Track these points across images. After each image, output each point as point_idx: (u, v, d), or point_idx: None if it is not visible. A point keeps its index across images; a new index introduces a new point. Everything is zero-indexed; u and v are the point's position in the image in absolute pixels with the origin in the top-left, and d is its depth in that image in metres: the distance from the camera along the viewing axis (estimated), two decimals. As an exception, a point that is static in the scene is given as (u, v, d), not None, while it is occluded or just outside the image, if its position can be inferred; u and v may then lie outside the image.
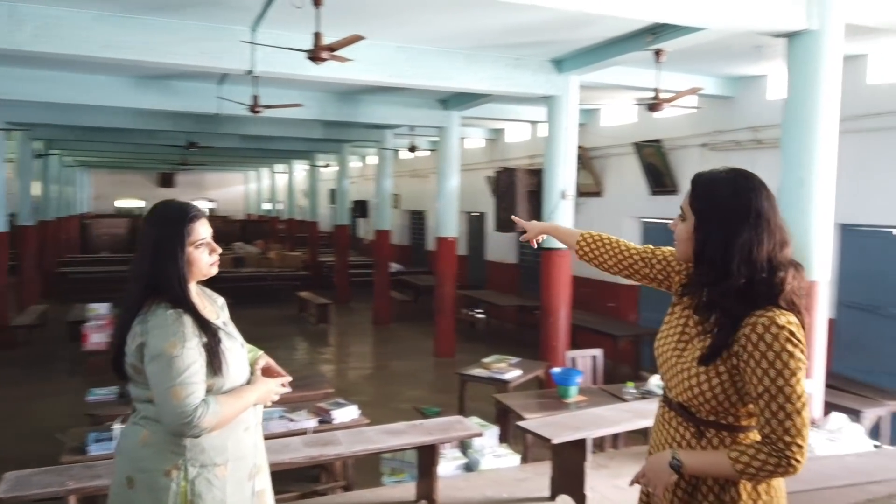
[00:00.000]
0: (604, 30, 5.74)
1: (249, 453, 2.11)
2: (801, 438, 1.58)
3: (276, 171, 22.81)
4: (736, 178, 1.71)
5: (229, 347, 2.08)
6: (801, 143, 4.47)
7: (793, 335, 1.58)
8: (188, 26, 5.37)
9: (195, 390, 1.92)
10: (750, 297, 1.63)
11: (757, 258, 1.62)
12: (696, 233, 1.70)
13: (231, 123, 10.68)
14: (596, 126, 10.16)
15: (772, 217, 1.66)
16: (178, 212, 2.07)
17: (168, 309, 1.97)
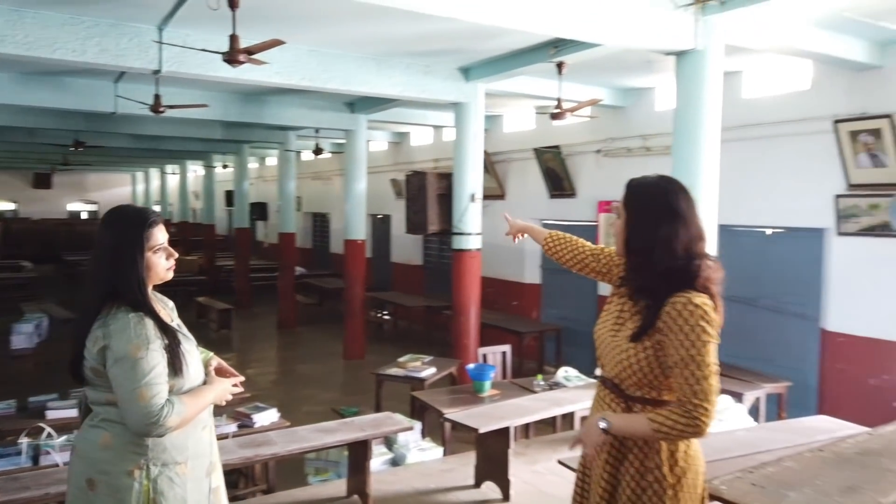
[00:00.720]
0: (510, 42, 6.03)
1: (207, 451, 2.17)
2: (709, 402, 1.83)
3: (167, 172, 21.82)
4: (659, 183, 2.03)
5: (187, 349, 2.13)
6: (689, 151, 4.93)
7: (706, 313, 1.85)
8: (88, 22, 5.15)
9: (160, 391, 1.97)
10: (671, 281, 1.90)
11: (675, 248, 1.90)
12: (626, 228, 2.01)
13: (124, 122, 10.20)
14: (499, 132, 10.54)
15: (688, 215, 1.95)
16: (138, 217, 2.10)
17: (129, 312, 2.00)
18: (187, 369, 2.09)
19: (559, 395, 4.77)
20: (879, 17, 4.90)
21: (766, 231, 7.05)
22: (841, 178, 6.09)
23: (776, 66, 6.69)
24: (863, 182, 5.93)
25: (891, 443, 2.56)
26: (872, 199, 5.89)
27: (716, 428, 4.76)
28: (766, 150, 6.79)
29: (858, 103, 5.90)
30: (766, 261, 7.04)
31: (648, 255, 1.93)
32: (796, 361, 6.77)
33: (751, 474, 2.21)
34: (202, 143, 13.84)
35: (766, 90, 6.84)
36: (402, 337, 11.24)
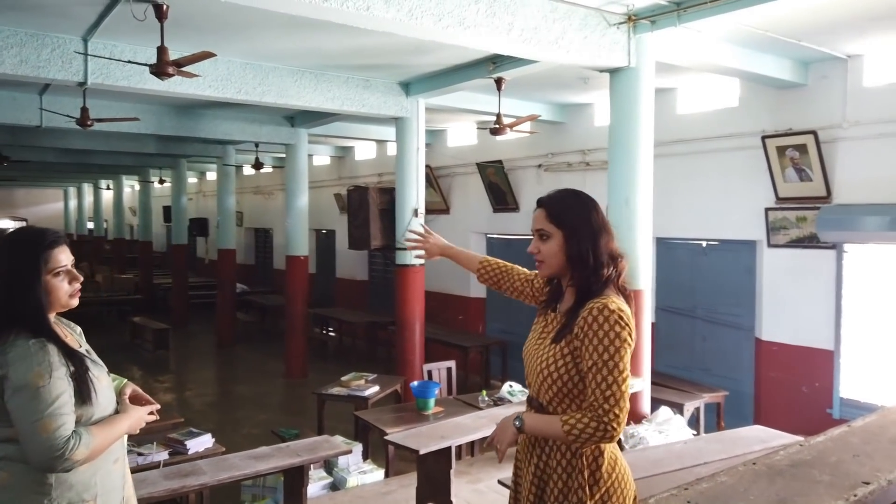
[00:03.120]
0: (448, 57, 6.03)
1: (118, 485, 2.04)
2: (619, 408, 1.83)
3: (101, 188, 21.04)
4: (579, 195, 2.07)
5: (97, 375, 2.00)
6: (624, 165, 5.00)
7: (621, 318, 1.85)
8: (6, 31, 4.90)
9: (65, 422, 1.83)
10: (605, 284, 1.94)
11: (613, 251, 1.99)
12: (567, 244, 1.98)
13: (52, 136, 9.77)
14: (442, 146, 10.54)
15: (607, 220, 2.05)
16: (34, 237, 1.96)
17: (30, 339, 1.86)
18: (96, 397, 1.95)
19: (503, 411, 4.74)
20: (801, 36, 5.10)
21: (701, 243, 7.23)
22: (770, 191, 6.29)
23: (708, 84, 6.89)
24: (791, 195, 6.14)
25: (821, 454, 2.60)
26: (800, 211, 6.10)
27: (655, 440, 4.82)
28: (700, 165, 6.97)
29: (784, 120, 6.12)
30: (702, 272, 7.22)
31: (596, 264, 1.94)
32: (733, 371, 6.93)
33: (686, 491, 2.20)
34: (136, 158, 13.39)
35: (699, 107, 7.04)
36: (346, 354, 11.06)
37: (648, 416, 5.20)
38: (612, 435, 1.84)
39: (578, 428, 1.84)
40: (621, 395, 1.84)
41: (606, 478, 1.94)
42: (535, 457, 2.02)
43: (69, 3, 4.49)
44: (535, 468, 2.01)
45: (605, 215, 2.05)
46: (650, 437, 4.81)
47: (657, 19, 4.65)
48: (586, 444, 1.88)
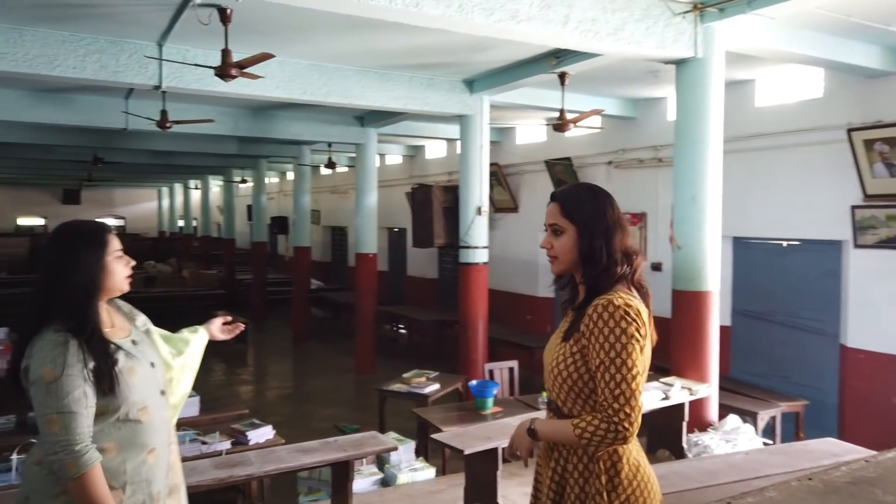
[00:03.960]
0: (510, 53, 5.95)
1: (152, 476, 2.05)
2: (629, 407, 1.75)
3: (190, 188, 22.11)
4: (594, 190, 2.00)
5: (129, 368, 2.02)
6: (691, 162, 4.78)
7: (627, 314, 1.79)
8: (87, 39, 5.20)
9: (71, 421, 1.86)
10: (616, 280, 1.88)
11: (629, 247, 1.92)
12: (580, 240, 1.92)
13: (140, 138, 10.34)
14: (511, 144, 10.44)
15: (623, 216, 1.96)
16: (94, 225, 2.09)
17: (54, 333, 1.92)
18: (122, 389, 1.97)
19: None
20: (891, 21, 4.72)
21: (781, 244, 6.83)
22: (857, 188, 5.86)
23: (789, 75, 6.50)
24: (879, 192, 5.70)
25: (889, 471, 2.38)
26: (890, 209, 5.66)
27: (721, 449, 4.58)
28: (781, 160, 6.58)
29: (873, 111, 5.69)
30: (782, 274, 6.82)
31: (609, 260, 1.89)
32: (814, 379, 6.51)
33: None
34: (220, 159, 13.97)
35: (779, 99, 6.65)
36: (415, 352, 11.14)
37: (715, 424, 4.96)
38: (625, 436, 1.77)
39: (589, 431, 1.78)
40: (631, 393, 1.76)
41: (626, 485, 1.85)
42: (553, 461, 1.96)
43: (141, 10, 4.71)
44: (553, 472, 1.95)
45: (620, 212, 1.96)
46: (715, 446, 4.59)
47: (725, 7, 4.41)
48: (600, 446, 1.82)
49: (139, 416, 2.03)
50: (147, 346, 2.18)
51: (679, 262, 4.93)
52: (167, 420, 2.17)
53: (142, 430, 2.04)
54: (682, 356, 4.88)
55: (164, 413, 2.15)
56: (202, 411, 5.45)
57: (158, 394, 2.13)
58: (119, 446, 1.98)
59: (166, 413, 2.17)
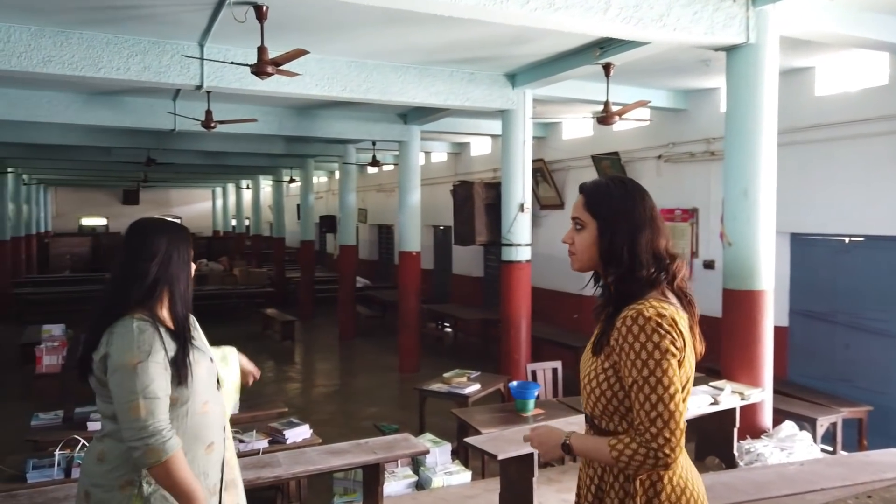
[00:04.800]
0: (553, 44, 5.78)
1: (213, 470, 2.07)
2: (668, 431, 1.59)
3: (242, 187, 22.55)
4: (625, 184, 1.81)
5: (197, 360, 2.05)
6: (743, 154, 4.52)
7: (659, 325, 1.62)
8: (131, 41, 5.27)
9: (156, 407, 1.89)
10: (649, 286, 1.71)
11: (659, 251, 1.73)
12: (600, 237, 1.77)
13: (190, 139, 10.55)
14: (556, 139, 10.23)
15: (658, 215, 1.78)
16: (179, 225, 2.18)
17: (137, 321, 1.95)
18: (193, 382, 2.01)
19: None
20: (964, -2, 4.37)
21: (843, 240, 6.45)
22: (926, 180, 5.47)
23: (852, 61, 6.12)
24: (952, 184, 5.31)
25: (960, 490, 2.15)
26: (964, 203, 5.26)
27: (776, 458, 4.32)
28: (843, 151, 6.21)
29: (945, 97, 5.30)
30: (844, 272, 6.44)
31: (632, 261, 1.72)
32: (880, 384, 6.12)
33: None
34: (268, 158, 14.16)
35: (842, 87, 6.27)
36: (460, 351, 11.05)
37: (769, 431, 4.69)
38: (666, 462, 1.61)
39: (627, 455, 1.63)
40: (670, 415, 1.59)
41: (667, 500, 1.69)
42: (593, 470, 1.82)
43: (180, 10, 4.74)
44: (593, 485, 1.81)
45: (657, 209, 1.79)
46: (769, 454, 4.33)
47: (779, -12, 4.16)
48: (639, 471, 1.67)
49: (203, 409, 2.05)
50: (202, 343, 2.20)
51: (730, 260, 4.69)
52: (223, 415, 2.19)
53: (204, 423, 2.06)
54: (734, 359, 4.64)
55: (220, 408, 2.17)
56: (243, 409, 5.47)
57: (215, 388, 2.15)
58: (183, 438, 1.99)
59: (221, 408, 2.18)
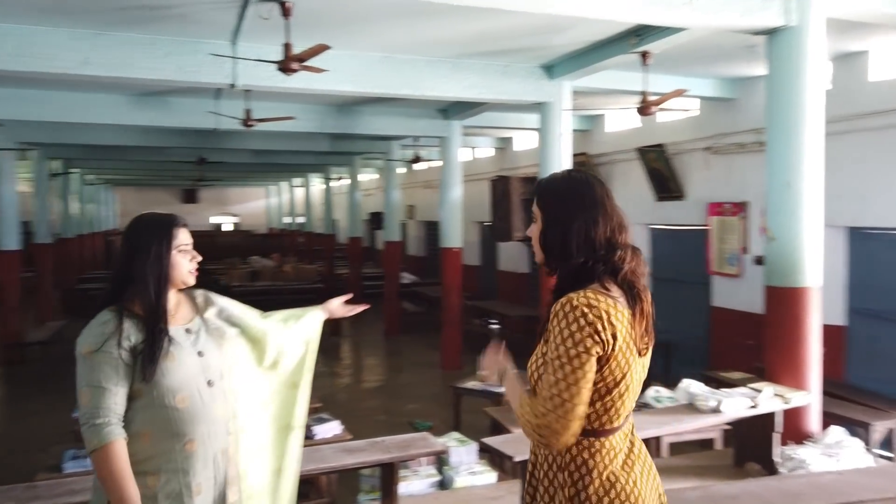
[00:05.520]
0: (587, 33, 5.60)
1: (194, 467, 2.03)
2: (556, 416, 1.60)
3: (294, 185, 22.96)
4: (569, 174, 1.86)
5: (173, 354, 2.03)
6: (786, 144, 4.27)
7: (584, 315, 1.61)
8: (165, 41, 5.37)
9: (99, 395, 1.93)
10: (587, 276, 1.69)
11: (595, 238, 1.71)
12: (543, 228, 1.80)
13: (238, 138, 10.76)
14: (600, 132, 9.99)
15: (606, 203, 1.75)
16: (164, 218, 2.16)
17: (106, 313, 2.01)
18: (163, 376, 1.99)
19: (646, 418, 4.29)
20: None
21: (904, 234, 6.05)
22: None
23: (913, 42, 5.72)
24: None
25: None
26: None
27: (823, 465, 4.06)
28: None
29: None
30: (905, 268, 6.04)
31: (564, 249, 1.73)
32: (945, 388, 5.72)
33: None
34: (315, 157, 14.33)
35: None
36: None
37: (815, 436, 4.42)
38: (548, 443, 1.65)
39: (524, 418, 1.69)
40: (562, 402, 1.60)
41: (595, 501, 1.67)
42: (530, 463, 1.84)
43: (209, 9, 4.79)
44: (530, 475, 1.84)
45: (610, 198, 1.76)
46: (813, 461, 4.08)
47: (823, -35, 3.89)
48: (529, 437, 1.72)
49: (175, 403, 2.02)
50: (205, 336, 2.18)
51: (772, 255, 4.44)
52: (215, 412, 2.11)
53: (178, 417, 2.03)
54: (776, 360, 4.39)
55: (212, 404, 2.10)
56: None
57: (204, 384, 2.10)
58: (154, 432, 2.00)
59: (215, 405, 2.12)
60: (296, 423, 2.41)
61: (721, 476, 4.22)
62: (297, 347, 2.44)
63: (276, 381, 2.41)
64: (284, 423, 2.40)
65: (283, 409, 2.40)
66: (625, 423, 1.73)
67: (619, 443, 1.71)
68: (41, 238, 12.44)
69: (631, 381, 1.68)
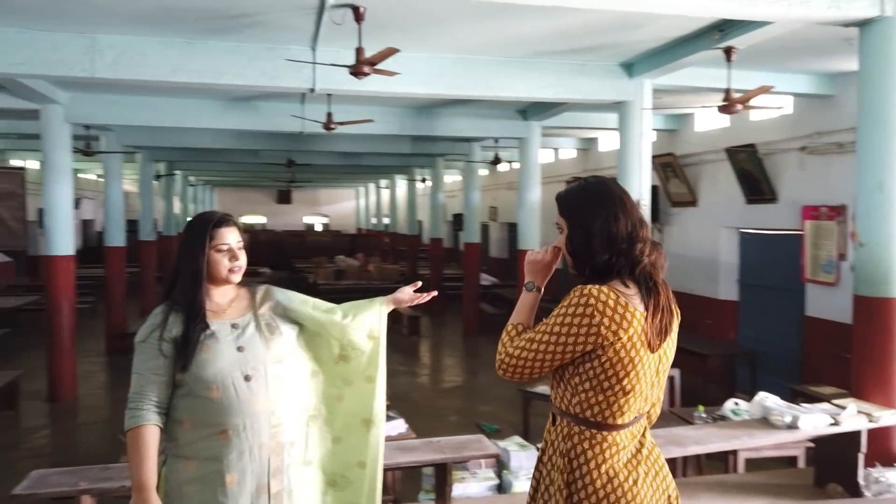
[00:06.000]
0: (666, 28, 5.41)
1: (228, 458, 2.10)
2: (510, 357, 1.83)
3: (381, 187, 23.45)
4: (587, 180, 1.93)
5: (206, 345, 2.11)
6: (878, 142, 3.97)
7: (586, 300, 1.71)
8: (248, 48, 5.62)
9: (140, 382, 2.08)
10: (608, 272, 1.77)
11: (616, 233, 1.77)
12: (569, 235, 1.87)
13: (324, 141, 11.10)
14: (688, 132, 9.62)
15: (625, 200, 1.82)
16: (205, 217, 2.25)
17: (159, 307, 2.15)
18: (197, 368, 2.09)
19: (702, 432, 4.10)
20: None
21: None
22: None
23: None
24: None
25: None
26: None
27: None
28: None
29: None
30: None
31: (588, 250, 1.81)
32: None
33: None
34: (400, 158, 14.58)
35: None
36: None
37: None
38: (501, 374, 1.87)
39: (501, 341, 1.91)
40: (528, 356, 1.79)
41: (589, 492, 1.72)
42: (544, 441, 1.93)
43: (286, 16, 4.97)
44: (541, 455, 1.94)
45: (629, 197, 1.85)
46: (904, 487, 3.76)
47: (923, -52, 3.59)
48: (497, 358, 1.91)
49: (208, 393, 2.10)
50: (253, 331, 2.22)
51: (862, 262, 4.13)
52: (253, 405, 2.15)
53: (212, 408, 2.10)
54: (864, 375, 4.08)
55: (250, 398, 2.14)
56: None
57: (241, 378, 2.14)
58: (192, 420, 2.11)
59: (254, 398, 2.15)
60: (375, 417, 2.40)
61: (799, 496, 3.97)
62: (362, 340, 2.41)
63: (350, 374, 2.41)
64: (364, 418, 2.39)
65: (360, 402, 2.40)
66: (634, 423, 1.78)
67: (623, 440, 1.76)
68: (145, 236, 13.30)
69: (638, 380, 1.72)
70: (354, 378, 2.40)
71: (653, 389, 1.78)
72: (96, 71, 5.36)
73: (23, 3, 4.68)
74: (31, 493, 2.83)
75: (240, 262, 2.21)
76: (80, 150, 9.41)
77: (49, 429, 7.16)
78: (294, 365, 2.34)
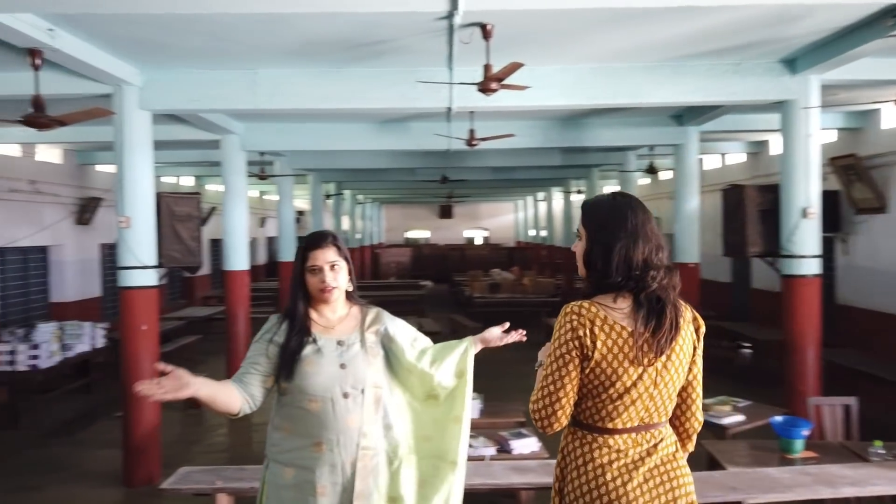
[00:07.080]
0: (828, 19, 4.86)
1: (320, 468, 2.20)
2: (532, 402, 1.88)
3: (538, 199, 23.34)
4: (614, 197, 1.98)
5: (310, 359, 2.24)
6: None
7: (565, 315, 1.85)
8: (388, 73, 5.87)
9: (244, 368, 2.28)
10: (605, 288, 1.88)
11: (633, 259, 1.85)
12: (587, 246, 1.94)
13: (473, 157, 11.30)
14: (874, 131, 8.55)
15: (647, 226, 1.90)
16: (305, 238, 2.44)
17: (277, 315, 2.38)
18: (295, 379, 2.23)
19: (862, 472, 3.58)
20: None
21: None
22: None
23: None
24: None
25: None
26: None
27: None
28: None
29: None
30: None
31: (605, 268, 1.88)
32: None
33: None
34: (553, 171, 14.42)
35: None
36: (752, 374, 9.83)
37: None
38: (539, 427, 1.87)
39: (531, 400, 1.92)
40: (548, 393, 1.84)
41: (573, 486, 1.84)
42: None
43: (420, 39, 5.12)
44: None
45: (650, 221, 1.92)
46: None
47: None
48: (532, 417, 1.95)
49: (307, 405, 2.22)
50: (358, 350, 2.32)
51: None
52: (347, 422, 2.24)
53: (309, 419, 2.22)
54: None
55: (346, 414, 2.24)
56: (483, 414, 5.64)
57: (339, 394, 2.24)
58: (291, 428, 2.25)
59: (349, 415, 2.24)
60: (460, 459, 2.41)
61: None
62: (450, 382, 2.46)
63: (438, 414, 2.44)
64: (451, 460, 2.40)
65: (447, 444, 2.42)
66: (636, 431, 1.84)
67: (619, 444, 1.83)
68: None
69: (626, 391, 1.80)
70: (442, 418, 2.42)
71: (654, 402, 1.83)
72: (257, 103, 5.89)
73: (195, 48, 5.27)
74: (175, 488, 3.13)
75: (329, 282, 2.28)
76: (256, 174, 10.37)
77: (227, 427, 7.87)
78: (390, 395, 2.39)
